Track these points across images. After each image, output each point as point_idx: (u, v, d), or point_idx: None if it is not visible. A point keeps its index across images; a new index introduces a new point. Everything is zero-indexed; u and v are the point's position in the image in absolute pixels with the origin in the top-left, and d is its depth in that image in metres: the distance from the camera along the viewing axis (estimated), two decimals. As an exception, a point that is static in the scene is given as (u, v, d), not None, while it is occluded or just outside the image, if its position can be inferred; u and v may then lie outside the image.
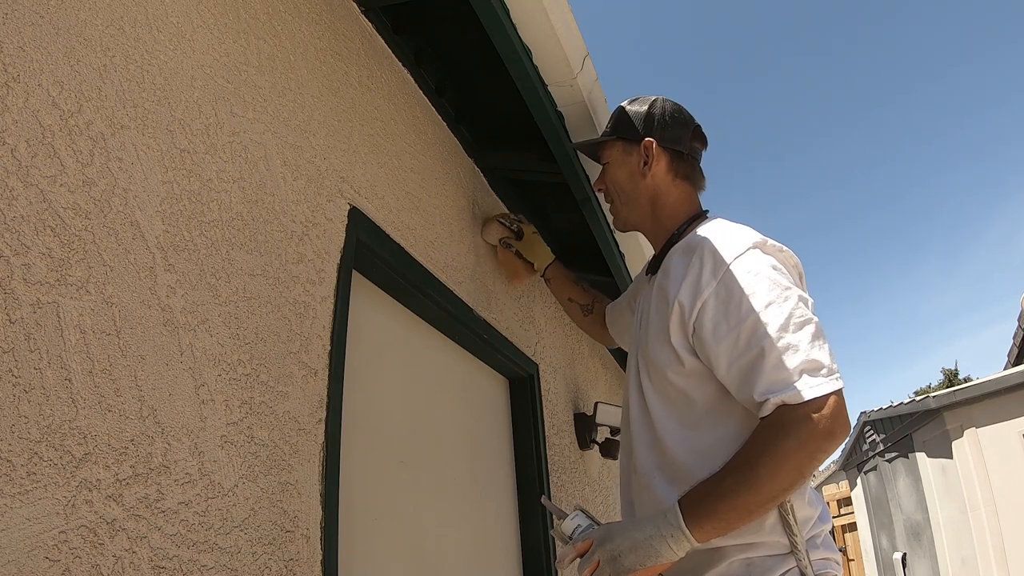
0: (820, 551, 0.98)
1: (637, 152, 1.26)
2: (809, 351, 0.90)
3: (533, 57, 1.44)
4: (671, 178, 1.25)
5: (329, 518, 1.01)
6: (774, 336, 0.91)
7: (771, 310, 0.93)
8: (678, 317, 1.03)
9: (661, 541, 0.90)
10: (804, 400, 0.87)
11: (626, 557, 0.91)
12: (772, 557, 0.95)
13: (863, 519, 10.22)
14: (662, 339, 1.06)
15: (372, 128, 1.39)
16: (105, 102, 0.77)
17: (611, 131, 1.33)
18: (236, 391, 0.89)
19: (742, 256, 1.00)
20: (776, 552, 0.95)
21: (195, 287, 0.85)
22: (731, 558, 0.96)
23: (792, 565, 0.94)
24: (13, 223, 0.64)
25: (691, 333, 1.02)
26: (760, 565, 0.95)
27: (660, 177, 1.25)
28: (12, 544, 0.58)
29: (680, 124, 1.27)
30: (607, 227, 2.03)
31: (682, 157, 1.26)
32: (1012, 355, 8.16)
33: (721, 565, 0.97)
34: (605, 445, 2.63)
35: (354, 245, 1.23)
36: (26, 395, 0.62)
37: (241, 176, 0.98)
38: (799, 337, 0.91)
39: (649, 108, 1.27)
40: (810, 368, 0.89)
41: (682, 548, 0.90)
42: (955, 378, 16.40)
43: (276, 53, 1.12)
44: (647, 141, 1.25)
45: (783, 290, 0.95)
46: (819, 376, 0.89)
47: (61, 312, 0.67)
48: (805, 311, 0.94)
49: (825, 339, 0.93)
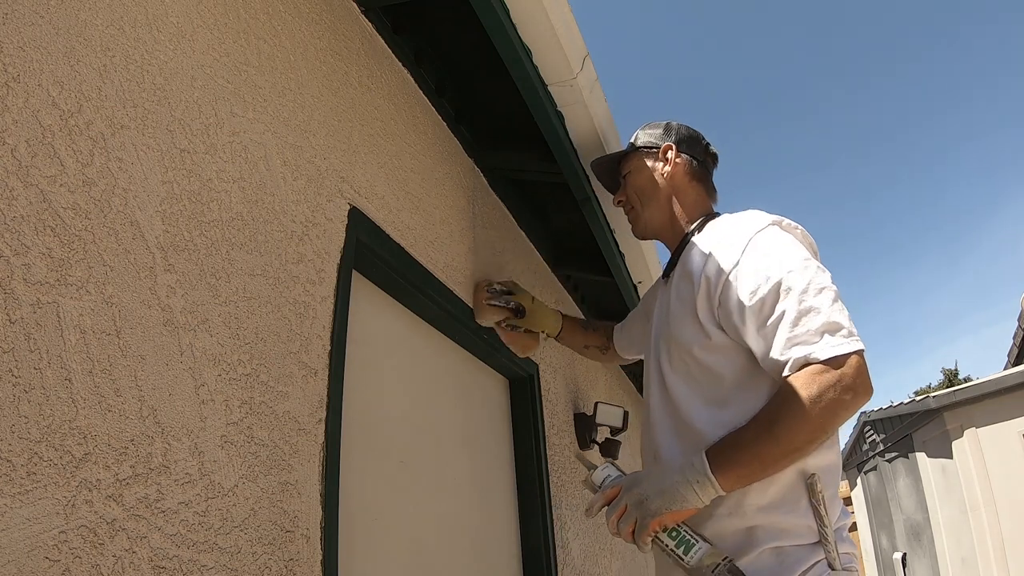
0: (845, 544, 0.99)
1: (658, 157, 1.36)
2: (830, 314, 0.94)
3: (533, 57, 1.44)
4: (688, 179, 1.34)
5: (329, 518, 1.01)
6: (796, 300, 0.96)
7: (792, 276, 0.98)
8: (705, 291, 1.08)
9: (688, 487, 0.94)
10: (825, 358, 0.91)
11: (652, 501, 0.96)
12: (802, 547, 0.96)
13: (863, 519, 10.22)
14: (688, 318, 1.11)
15: (372, 128, 1.39)
16: (105, 102, 0.77)
17: (632, 147, 1.42)
18: (236, 391, 0.89)
19: (763, 231, 1.07)
20: (806, 541, 0.96)
21: (195, 287, 0.85)
22: (761, 546, 0.96)
23: (821, 556, 0.94)
24: (13, 223, 0.64)
25: (717, 306, 1.06)
26: (791, 555, 0.95)
27: (679, 178, 1.33)
28: (12, 544, 0.58)
29: (695, 139, 1.38)
30: (607, 227, 2.03)
31: (698, 164, 1.36)
32: (1012, 355, 8.17)
33: (752, 554, 0.96)
34: (605, 445, 2.63)
35: (354, 245, 1.23)
36: (26, 395, 0.62)
37: (241, 176, 0.98)
38: (820, 300, 0.95)
39: (666, 125, 1.40)
40: (831, 329, 0.93)
41: (707, 495, 0.94)
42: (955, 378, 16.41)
43: (276, 53, 1.12)
44: (666, 145, 1.35)
45: (803, 260, 1.01)
46: (839, 336, 0.93)
47: (61, 312, 0.67)
48: (824, 278, 0.99)
49: (844, 305, 0.97)
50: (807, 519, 0.96)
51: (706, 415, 1.05)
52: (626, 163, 1.42)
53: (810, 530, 0.96)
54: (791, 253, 1.02)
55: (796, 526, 0.97)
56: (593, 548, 2.42)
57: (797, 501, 0.97)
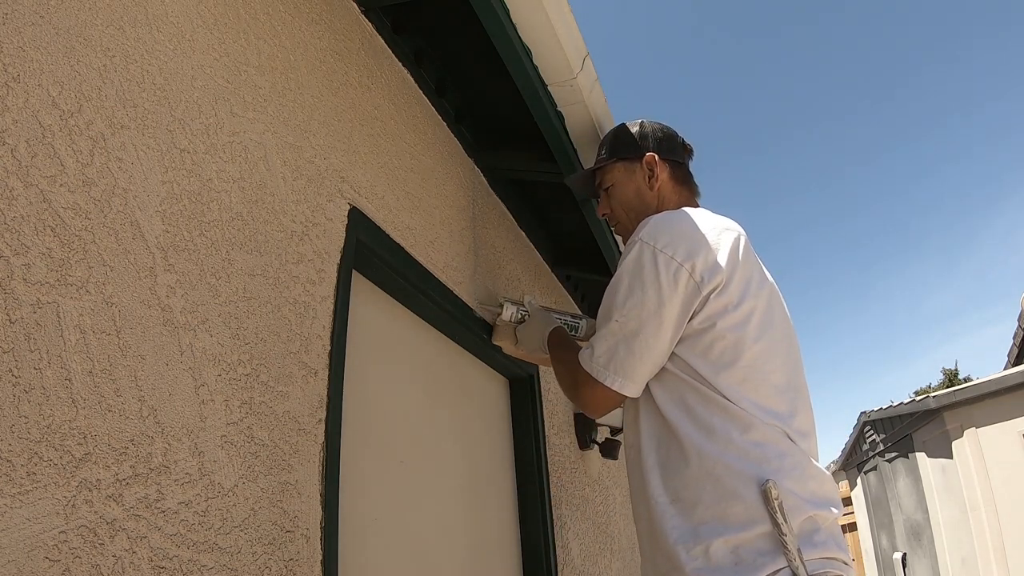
0: (818, 550, 0.93)
1: (640, 168, 1.30)
2: (610, 341, 1.08)
3: (533, 57, 1.44)
4: (673, 185, 1.30)
5: (329, 518, 1.01)
6: (614, 317, 1.09)
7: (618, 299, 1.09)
8: None
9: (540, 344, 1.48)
10: (584, 367, 1.11)
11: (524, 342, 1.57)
12: (761, 552, 0.91)
13: (863, 519, 10.22)
14: None
15: (372, 128, 1.39)
16: (105, 102, 0.77)
17: (608, 155, 1.35)
18: (236, 391, 0.89)
19: (634, 247, 1.09)
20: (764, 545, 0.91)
21: (195, 287, 0.85)
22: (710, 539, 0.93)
23: (784, 564, 0.89)
24: (13, 223, 0.64)
25: None
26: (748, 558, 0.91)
27: (665, 186, 1.29)
28: (12, 544, 0.58)
29: (671, 138, 1.33)
30: (607, 227, 2.03)
31: (678, 166, 1.31)
32: (1012, 355, 8.16)
33: (698, 548, 0.93)
34: (605, 445, 2.63)
35: (354, 245, 1.23)
36: (26, 395, 0.62)
37: (241, 176, 0.98)
38: (617, 329, 1.08)
39: (640, 128, 1.34)
40: (604, 352, 1.09)
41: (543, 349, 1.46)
42: (955, 378, 16.39)
43: (276, 53, 1.12)
44: (649, 155, 1.29)
45: (633, 290, 1.07)
46: (601, 360, 1.08)
47: (61, 312, 0.67)
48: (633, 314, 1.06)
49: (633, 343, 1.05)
50: (762, 523, 0.92)
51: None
52: (605, 174, 1.35)
53: (766, 535, 0.92)
54: (620, 277, 1.09)
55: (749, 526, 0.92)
56: (593, 548, 2.42)
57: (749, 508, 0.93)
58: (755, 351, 1.01)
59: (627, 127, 1.35)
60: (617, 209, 1.34)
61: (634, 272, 1.06)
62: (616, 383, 1.06)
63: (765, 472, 0.94)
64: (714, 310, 1.01)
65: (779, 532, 0.91)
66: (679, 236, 1.06)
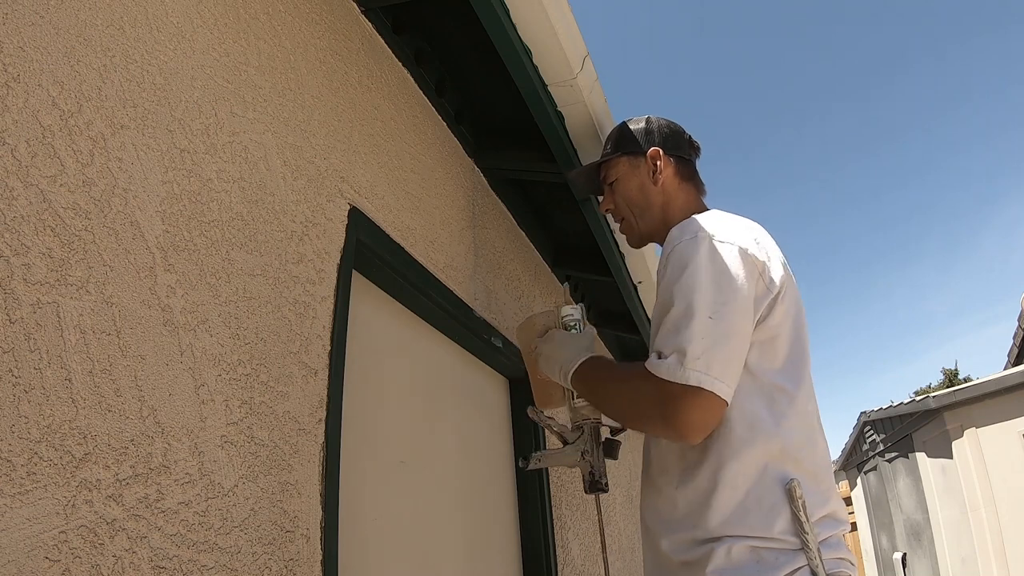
0: (834, 551, 0.96)
1: (644, 163, 1.29)
2: (690, 339, 0.95)
3: (533, 57, 1.44)
4: (678, 182, 1.28)
5: (329, 518, 1.01)
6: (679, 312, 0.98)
7: (683, 291, 0.99)
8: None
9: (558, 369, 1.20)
10: (658, 375, 0.95)
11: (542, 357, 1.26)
12: (782, 552, 0.93)
13: (863, 519, 10.22)
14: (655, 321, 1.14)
15: (372, 128, 1.39)
16: (105, 102, 0.77)
17: (613, 149, 1.34)
18: (236, 391, 0.89)
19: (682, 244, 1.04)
20: (785, 546, 0.93)
21: (195, 287, 0.85)
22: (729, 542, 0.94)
23: (803, 563, 0.91)
24: (13, 223, 0.64)
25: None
26: (768, 558, 0.93)
27: (669, 182, 1.28)
28: (12, 544, 0.58)
29: (677, 135, 1.32)
30: (607, 227, 2.03)
31: (684, 162, 1.30)
32: (1012, 355, 8.17)
33: (720, 549, 0.94)
34: (605, 445, 2.63)
35: (354, 245, 1.23)
36: (26, 395, 0.62)
37: (241, 176, 0.98)
38: (693, 323, 0.96)
39: (646, 123, 1.33)
40: (680, 351, 0.94)
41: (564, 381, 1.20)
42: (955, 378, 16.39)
43: (276, 53, 1.12)
44: (653, 150, 1.28)
45: (705, 282, 0.99)
46: (684, 361, 0.93)
47: (61, 312, 0.67)
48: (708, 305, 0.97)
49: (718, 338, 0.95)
50: (784, 523, 0.93)
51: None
52: (609, 168, 1.34)
53: (789, 535, 0.93)
54: (697, 272, 0.99)
55: (770, 529, 0.94)
56: (593, 548, 2.42)
57: (772, 507, 0.94)
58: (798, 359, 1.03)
59: (633, 122, 1.34)
60: (621, 204, 1.33)
61: (715, 267, 0.99)
62: (722, 389, 0.92)
63: (788, 473, 0.96)
64: (777, 317, 1.01)
65: (801, 531, 0.93)
66: (745, 235, 1.05)
